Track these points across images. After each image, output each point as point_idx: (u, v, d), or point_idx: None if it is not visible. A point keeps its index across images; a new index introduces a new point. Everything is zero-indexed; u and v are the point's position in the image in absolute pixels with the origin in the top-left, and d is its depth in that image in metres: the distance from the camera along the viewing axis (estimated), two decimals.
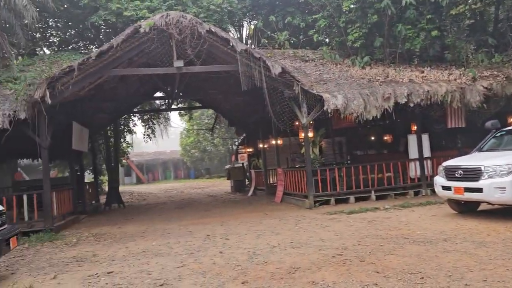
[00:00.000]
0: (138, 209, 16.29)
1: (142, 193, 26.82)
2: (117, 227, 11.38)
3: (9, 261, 7.88)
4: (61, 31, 19.38)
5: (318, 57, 14.70)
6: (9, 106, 9.77)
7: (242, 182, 21.05)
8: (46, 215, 10.50)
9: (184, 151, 42.16)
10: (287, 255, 6.72)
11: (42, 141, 10.48)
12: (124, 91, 15.97)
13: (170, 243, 8.46)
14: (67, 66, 10.20)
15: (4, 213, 6.71)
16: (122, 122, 22.47)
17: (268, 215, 11.54)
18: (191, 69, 11.57)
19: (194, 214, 13.18)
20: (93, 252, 8.10)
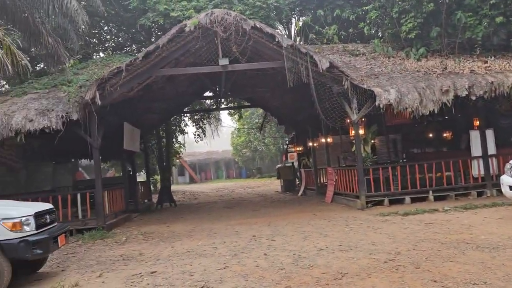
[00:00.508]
0: (188, 208, 16.45)
1: (194, 192, 27.21)
2: (166, 226, 11.47)
3: (61, 258, 8.11)
4: (115, 35, 20.07)
5: (369, 51, 14.03)
6: (62, 107, 10.11)
7: (292, 181, 20.69)
8: (98, 213, 10.77)
9: (236, 150, 42.42)
10: (335, 258, 6.32)
11: (94, 141, 10.76)
12: (173, 91, 16.16)
13: (216, 243, 8.33)
14: (116, 68, 10.40)
15: (54, 212, 6.86)
16: (174, 123, 22.92)
17: (317, 215, 11.13)
18: (236, 66, 11.41)
19: (242, 214, 13.03)
20: (140, 251, 8.14)
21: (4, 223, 5.63)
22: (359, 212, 11.09)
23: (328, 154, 15.96)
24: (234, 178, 43.78)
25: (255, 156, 41.52)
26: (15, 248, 5.62)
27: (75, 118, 10.08)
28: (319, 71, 10.87)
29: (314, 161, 17.18)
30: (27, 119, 9.67)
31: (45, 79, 12.31)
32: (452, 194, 11.90)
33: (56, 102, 10.35)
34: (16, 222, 5.70)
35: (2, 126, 9.53)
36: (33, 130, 9.65)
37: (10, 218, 5.69)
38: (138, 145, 15.70)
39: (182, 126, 24.87)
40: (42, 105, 10.16)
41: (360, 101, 11.36)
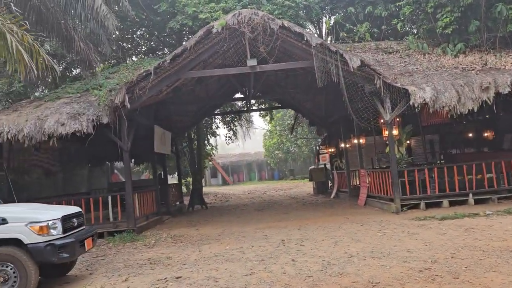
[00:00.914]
0: (219, 211, 16.39)
1: (226, 194, 27.22)
2: (195, 229, 11.42)
3: (91, 261, 8.17)
4: (147, 40, 20.36)
5: (403, 48, 13.50)
6: (93, 111, 10.25)
7: (325, 183, 20.28)
8: (129, 216, 10.85)
9: (268, 152, 42.22)
10: (366, 266, 6.01)
11: (123, 144, 10.86)
12: (203, 94, 16.21)
13: (243, 247, 8.16)
14: (144, 71, 10.45)
15: (82, 215, 6.90)
16: (205, 125, 23.02)
17: (349, 219, 10.77)
18: (264, 67, 11.23)
19: (273, 217, 12.81)
20: (167, 255, 8.09)
21: (31, 226, 5.68)
22: (393, 216, 10.64)
23: (361, 155, 15.49)
24: (267, 180, 43.58)
25: (288, 157, 41.17)
26: (41, 251, 5.66)
27: (105, 121, 10.19)
28: (350, 70, 10.51)
29: (347, 162, 16.74)
30: (59, 123, 9.86)
31: (78, 83, 12.58)
32: (494, 198, 11.21)
33: (87, 106, 10.51)
34: (43, 226, 5.74)
35: (36, 130, 9.76)
36: (64, 134, 9.82)
37: (37, 222, 5.73)
38: (169, 147, 15.79)
39: (214, 128, 24.97)
40: (73, 109, 10.35)
41: (394, 100, 10.91)
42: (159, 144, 13.87)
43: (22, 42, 6.62)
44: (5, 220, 5.65)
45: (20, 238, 5.63)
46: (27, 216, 5.81)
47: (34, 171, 14.02)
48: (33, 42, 6.88)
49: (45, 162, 14.74)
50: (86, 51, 11.03)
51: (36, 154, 14.16)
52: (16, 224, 5.66)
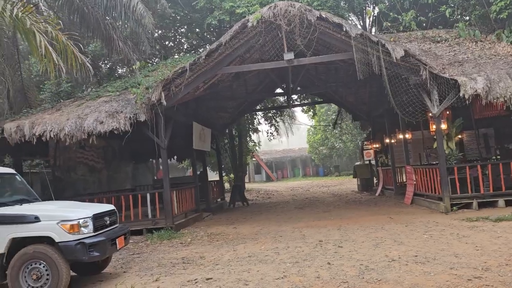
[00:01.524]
0: (259, 208, 16.18)
1: (269, 191, 26.99)
2: (232, 227, 11.26)
3: (127, 258, 8.20)
4: (188, 37, 20.52)
5: (452, 36, 12.60)
6: (130, 109, 10.33)
7: (369, 180, 19.53)
8: (167, 213, 10.86)
9: (312, 148, 41.57)
10: (408, 272, 5.53)
11: (161, 142, 10.87)
12: (242, 90, 16.02)
13: (279, 248, 7.87)
14: (180, 68, 10.39)
15: (115, 213, 6.89)
16: (247, 121, 22.90)
17: (393, 219, 10.18)
18: (302, 61, 10.84)
19: (313, 215, 12.42)
20: (201, 254, 7.96)
21: (62, 225, 5.70)
22: (442, 216, 9.94)
23: (407, 151, 14.69)
24: (311, 177, 42.94)
25: (332, 153, 40.34)
26: (72, 250, 5.66)
27: (142, 119, 10.23)
28: (393, 61, 9.90)
29: (392, 158, 15.97)
30: (98, 121, 10.01)
31: (118, 82, 12.78)
32: None
33: (125, 104, 10.61)
34: (73, 224, 5.74)
35: (76, 128, 9.97)
36: (103, 132, 9.96)
37: (68, 220, 5.74)
38: (209, 144, 15.75)
39: (256, 124, 24.80)
40: (112, 108, 10.48)
41: (442, 92, 10.17)
42: (198, 141, 13.84)
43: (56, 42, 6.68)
44: (38, 218, 5.70)
45: (52, 236, 5.66)
46: (58, 214, 5.83)
47: (80, 168, 14.46)
48: (66, 42, 6.95)
49: (90, 159, 15.17)
50: (124, 50, 11.14)
51: (81, 152, 14.61)
52: (48, 222, 5.70)
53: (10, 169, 7.24)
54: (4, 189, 6.75)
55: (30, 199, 6.89)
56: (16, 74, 12.11)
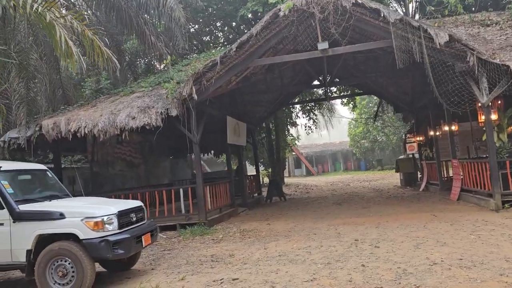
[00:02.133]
0: (296, 203, 15.81)
1: (308, 185, 26.50)
2: (266, 223, 10.98)
3: (157, 254, 8.13)
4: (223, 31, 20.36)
5: (504, 19, 11.61)
6: (162, 104, 10.25)
7: (413, 175, 18.61)
8: (200, 209, 10.74)
9: (353, 141, 40.49)
10: (450, 278, 5.02)
11: (193, 137, 10.73)
12: (278, 82, 15.65)
13: (311, 247, 7.50)
14: (210, 61, 10.18)
15: (142, 210, 6.78)
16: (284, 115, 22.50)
17: (436, 217, 9.51)
18: (336, 50, 10.32)
19: (351, 211, 11.90)
20: (231, 252, 7.73)
21: (86, 222, 5.63)
22: (492, 215, 9.17)
23: (453, 144, 13.77)
24: (352, 171, 41.88)
25: (375, 147, 39.11)
26: (96, 247, 5.58)
27: (174, 114, 10.11)
28: (436, 47, 9.19)
29: (437, 152, 15.08)
30: (130, 116, 10.01)
31: (152, 77, 12.78)
32: None
33: (157, 99, 10.55)
34: (97, 221, 5.66)
35: (109, 124, 10.02)
36: (135, 127, 9.94)
37: (92, 217, 5.66)
38: (244, 139, 15.53)
39: (294, 118, 24.36)
40: (144, 103, 10.45)
41: (492, 79, 9.34)
42: (232, 135, 13.64)
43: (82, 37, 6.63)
44: (63, 214, 5.66)
45: (76, 233, 5.61)
46: (83, 211, 5.77)
47: (117, 163, 14.69)
48: (92, 36, 6.88)
49: (127, 154, 15.39)
50: (157, 45, 11.09)
51: (119, 147, 14.84)
52: (72, 219, 5.65)
53: (41, 165, 7.31)
54: (34, 185, 6.81)
55: (61, 195, 6.92)
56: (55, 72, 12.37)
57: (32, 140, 10.50)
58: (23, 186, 6.54)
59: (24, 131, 10.54)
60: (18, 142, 10.53)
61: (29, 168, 6.98)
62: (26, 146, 10.48)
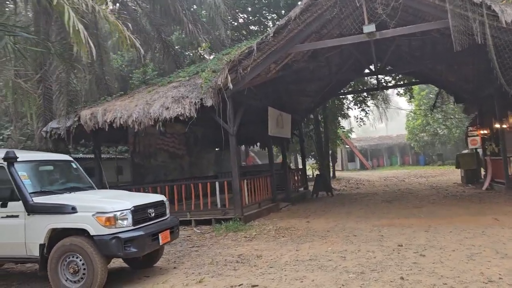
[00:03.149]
0: (343, 199, 14.93)
1: (360, 180, 25.30)
2: (306, 220, 10.30)
3: (184, 251, 7.77)
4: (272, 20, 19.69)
5: None
6: (197, 94, 9.85)
7: (475, 172, 16.95)
8: (236, 203, 10.28)
9: (411, 134, 38.19)
10: None
11: (229, 128, 10.26)
12: (325, 71, 14.76)
13: (347, 251, 6.75)
14: (246, 48, 9.61)
15: (162, 204, 6.39)
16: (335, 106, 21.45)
17: (499, 221, 8.34)
18: (385, 33, 9.31)
19: (400, 211, 10.89)
20: (260, 252, 7.18)
21: (97, 217, 5.31)
22: None
23: None
24: (410, 166, 39.65)
25: (435, 140, 36.64)
26: (106, 244, 5.25)
27: (209, 104, 9.68)
28: (502, 26, 7.96)
29: (503, 147, 13.49)
30: (164, 107, 9.72)
31: (191, 67, 12.46)
32: None
33: (192, 89, 10.18)
34: (109, 217, 5.32)
35: (143, 114, 9.80)
36: (168, 118, 9.64)
37: (104, 212, 5.34)
38: (288, 130, 14.86)
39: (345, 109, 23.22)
40: (179, 93, 10.12)
41: None
42: (274, 127, 13.04)
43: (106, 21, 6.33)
44: (75, 208, 5.39)
45: (87, 228, 5.31)
46: (95, 206, 5.46)
47: (160, 155, 14.61)
48: (116, 21, 6.56)
49: (170, 146, 15.28)
50: (193, 32, 10.70)
51: (162, 139, 14.75)
52: (84, 214, 5.36)
53: (66, 156, 7.16)
54: (56, 177, 6.65)
55: (83, 187, 6.72)
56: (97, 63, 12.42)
57: (71, 131, 10.55)
58: (43, 177, 6.39)
59: (64, 122, 10.63)
60: (58, 132, 10.64)
61: (52, 158, 6.82)
62: (66, 136, 10.55)
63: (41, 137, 11.02)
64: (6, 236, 5.63)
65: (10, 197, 5.66)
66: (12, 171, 5.68)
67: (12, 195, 5.65)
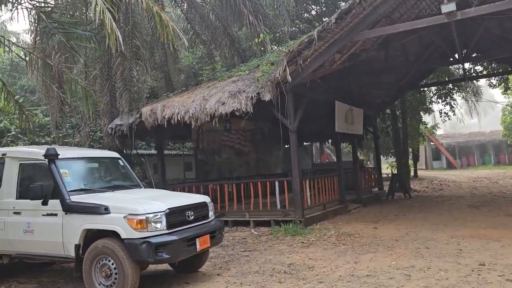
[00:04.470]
0: (422, 202, 13.50)
1: (445, 180, 23.06)
2: (373, 226, 9.28)
3: (235, 255, 7.28)
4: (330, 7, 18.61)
5: None
6: (254, 88, 9.29)
7: None
8: (296, 205, 9.58)
9: (508, 131, 34.19)
10: None
11: (289, 124, 9.57)
12: (401, 60, 13.39)
13: (415, 268, 5.75)
14: (306, 37, 8.82)
15: (205, 206, 5.94)
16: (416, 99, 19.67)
17: None
18: (467, 12, 7.94)
19: (488, 219, 9.39)
20: (314, 262, 6.44)
21: (129, 219, 4.98)
22: None
23: None
24: (506, 165, 35.58)
25: None
26: (136, 249, 4.90)
27: (267, 98, 9.07)
28: None
29: None
30: (220, 102, 9.31)
31: (254, 60, 11.96)
32: None
33: (250, 83, 9.64)
34: (140, 220, 4.97)
35: (200, 110, 9.49)
36: (224, 113, 9.21)
37: (135, 214, 5.00)
38: (360, 127, 13.79)
39: (427, 103, 21.24)
40: (236, 87, 9.65)
41: None
42: (343, 122, 12.10)
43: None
44: (108, 209, 5.12)
45: (118, 231, 5.01)
46: (127, 207, 5.14)
47: (225, 152, 14.35)
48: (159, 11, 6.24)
49: (236, 142, 14.97)
50: (254, 24, 10.17)
51: (227, 135, 14.48)
52: (116, 215, 5.07)
53: (113, 153, 7.01)
54: (100, 174, 6.51)
55: (128, 185, 6.52)
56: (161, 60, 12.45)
57: (133, 127, 10.62)
58: (86, 175, 6.27)
59: (127, 118, 10.72)
60: (121, 129, 10.77)
61: (97, 155, 6.71)
62: (128, 133, 10.65)
63: (107, 133, 11.26)
64: (46, 234, 5.55)
65: (52, 195, 5.57)
66: (52, 168, 5.58)
67: (53, 193, 5.56)
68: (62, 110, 12.30)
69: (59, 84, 9.30)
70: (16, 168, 6.06)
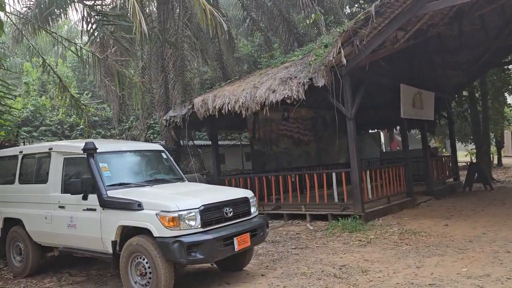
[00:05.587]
0: (505, 196, 12.00)
1: None
2: (444, 223, 8.27)
3: (284, 254, 6.81)
4: None
5: None
6: (306, 74, 8.63)
7: None
8: (355, 198, 8.83)
9: None
10: None
11: (346, 110, 8.81)
12: (479, 35, 11.87)
13: (490, 277, 4.87)
14: (362, 14, 7.97)
15: (246, 202, 5.50)
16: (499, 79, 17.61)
17: None
18: None
19: None
20: (369, 265, 5.77)
21: (161, 216, 4.69)
22: None
23: None
24: None
25: None
26: (168, 248, 4.61)
27: (320, 84, 8.38)
28: None
29: None
30: (270, 90, 8.78)
31: (309, 45, 11.25)
32: None
33: (303, 68, 8.97)
34: (173, 217, 4.66)
35: (250, 99, 9.05)
36: (275, 102, 8.67)
37: (167, 211, 4.69)
38: (431, 111, 12.54)
39: None
40: (288, 73, 9.04)
41: None
42: (409, 107, 11.01)
43: None
44: (141, 205, 4.88)
45: (150, 228, 4.75)
46: (160, 203, 4.85)
47: (283, 141, 13.82)
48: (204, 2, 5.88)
49: (294, 131, 14.37)
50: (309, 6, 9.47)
51: (284, 124, 13.93)
52: (149, 212, 4.80)
53: (156, 145, 6.82)
54: (142, 168, 6.32)
55: (171, 179, 6.28)
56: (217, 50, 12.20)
57: (186, 118, 10.48)
58: (126, 168, 6.09)
59: (180, 109, 10.61)
60: (175, 120, 10.69)
61: (139, 148, 6.52)
62: (181, 124, 10.53)
63: (163, 125, 11.27)
64: (86, 229, 5.47)
65: (92, 190, 5.46)
66: (90, 162, 5.46)
67: (93, 188, 5.44)
68: (122, 103, 12.53)
69: (112, 78, 9.39)
70: (60, 163, 6.06)
